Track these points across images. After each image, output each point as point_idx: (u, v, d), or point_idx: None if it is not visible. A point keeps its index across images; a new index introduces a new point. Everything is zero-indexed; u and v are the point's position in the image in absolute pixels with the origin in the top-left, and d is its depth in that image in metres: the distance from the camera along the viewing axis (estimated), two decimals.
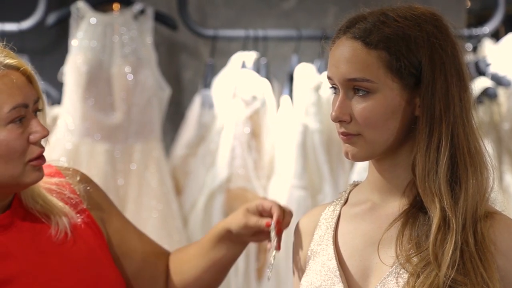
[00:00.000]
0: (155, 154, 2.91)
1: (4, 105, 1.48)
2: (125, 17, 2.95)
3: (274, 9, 3.21)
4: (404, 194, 1.36)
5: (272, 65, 3.09)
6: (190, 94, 3.12)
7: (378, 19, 1.34)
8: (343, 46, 1.34)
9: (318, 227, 1.44)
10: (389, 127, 1.34)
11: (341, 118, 1.34)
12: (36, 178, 1.52)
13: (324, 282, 1.37)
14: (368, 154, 1.35)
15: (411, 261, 1.30)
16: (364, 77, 1.32)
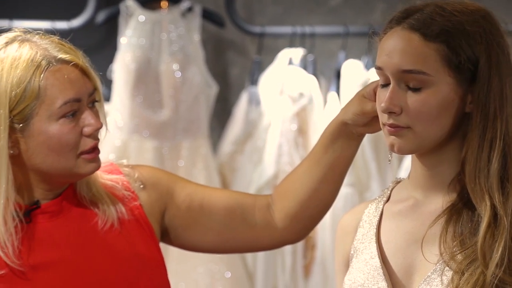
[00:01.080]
0: (203, 151, 2.92)
1: (56, 100, 1.49)
2: (173, 15, 2.97)
3: (321, 6, 3.21)
4: (448, 191, 1.35)
5: (319, 61, 3.08)
6: (237, 91, 3.13)
7: (436, 12, 1.32)
8: (398, 36, 1.32)
9: (361, 225, 1.43)
10: (440, 122, 1.32)
11: (392, 109, 1.32)
12: (90, 169, 1.53)
13: (367, 280, 1.37)
14: (415, 148, 1.34)
15: (456, 259, 1.29)
16: (421, 69, 1.31)
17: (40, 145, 1.49)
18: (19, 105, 1.47)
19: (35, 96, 1.47)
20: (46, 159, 1.49)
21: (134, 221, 1.60)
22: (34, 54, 1.49)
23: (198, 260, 2.80)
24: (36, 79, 1.47)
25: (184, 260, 2.81)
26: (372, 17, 3.19)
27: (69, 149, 1.50)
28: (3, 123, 1.46)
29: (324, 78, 3.08)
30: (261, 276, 2.87)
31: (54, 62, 1.51)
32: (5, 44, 1.51)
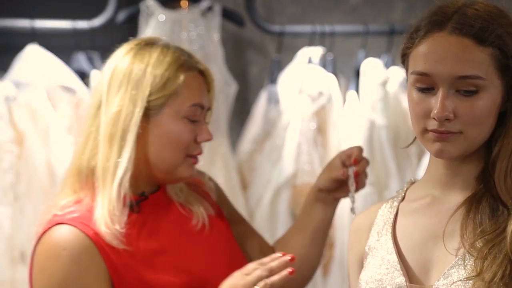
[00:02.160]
0: (222, 149, 2.93)
1: (187, 100, 1.67)
2: (193, 14, 2.99)
3: (341, 4, 3.21)
4: (468, 188, 1.36)
5: (338, 60, 3.08)
6: (256, 90, 3.14)
7: (476, 14, 1.32)
8: (447, 42, 1.32)
9: (375, 224, 1.44)
10: (488, 124, 1.34)
11: (448, 116, 1.32)
12: (189, 173, 1.71)
13: (385, 276, 1.37)
14: (463, 152, 1.34)
15: (476, 246, 1.30)
16: (477, 74, 1.31)
17: (159, 136, 1.64)
18: (157, 94, 1.65)
19: (172, 91, 1.65)
20: (159, 150, 1.65)
21: (216, 216, 1.77)
22: (178, 57, 1.70)
23: None
24: (178, 77, 1.66)
25: None
26: (392, 16, 3.18)
27: (181, 148, 1.66)
28: (140, 105, 1.63)
29: (343, 77, 3.08)
30: None
31: (194, 69, 1.71)
32: (150, 44, 1.73)
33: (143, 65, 1.66)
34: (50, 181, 2.85)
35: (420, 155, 2.95)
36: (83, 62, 3.03)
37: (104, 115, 1.65)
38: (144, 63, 1.66)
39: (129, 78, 1.65)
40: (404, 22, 3.13)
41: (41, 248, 1.60)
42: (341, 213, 2.90)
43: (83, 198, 1.64)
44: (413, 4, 3.18)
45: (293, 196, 2.92)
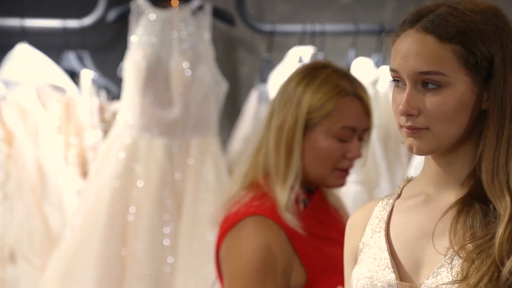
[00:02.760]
0: (212, 149, 2.93)
1: (338, 123, 1.89)
2: (184, 13, 2.98)
3: (331, 4, 3.21)
4: (461, 187, 1.36)
5: (329, 59, 3.08)
6: (247, 89, 3.13)
7: (448, 12, 1.33)
8: (412, 39, 1.33)
9: (371, 220, 1.44)
10: (458, 121, 1.33)
11: (410, 112, 1.33)
12: (338, 184, 1.94)
13: (375, 273, 1.37)
14: (433, 148, 1.34)
15: (466, 248, 1.30)
16: (438, 70, 1.31)
17: (311, 150, 1.89)
18: (313, 113, 1.89)
19: (327, 112, 1.89)
20: (311, 161, 1.89)
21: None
22: (338, 83, 1.91)
23: (207, 257, 2.81)
24: (333, 100, 1.89)
25: (193, 257, 2.82)
26: (383, 15, 3.18)
27: (329, 163, 1.89)
28: (300, 121, 1.89)
29: None
30: None
31: (350, 94, 1.91)
32: (320, 68, 1.93)
33: (306, 87, 1.90)
34: (39, 180, 2.85)
35: (410, 155, 2.95)
36: (73, 61, 3.03)
37: (272, 126, 1.92)
38: (308, 85, 1.90)
39: (293, 96, 1.90)
40: (394, 21, 3.11)
41: (238, 237, 1.85)
42: None
43: (262, 194, 1.88)
44: (404, 3, 3.18)
45: None
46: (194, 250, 2.83)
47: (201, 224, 2.85)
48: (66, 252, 2.81)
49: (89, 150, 2.95)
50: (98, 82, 3.03)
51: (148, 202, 2.84)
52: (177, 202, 2.88)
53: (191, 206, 2.87)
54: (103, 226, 2.81)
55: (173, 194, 2.87)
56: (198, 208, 2.87)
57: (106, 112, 3.01)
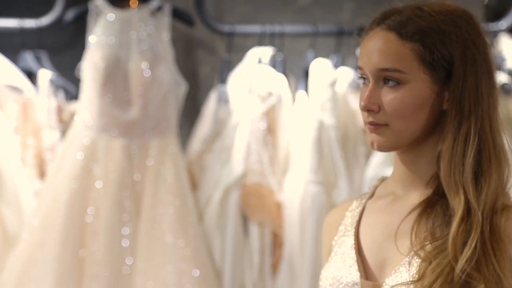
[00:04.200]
0: (171, 149, 2.92)
1: None
2: (143, 14, 2.97)
3: (290, 5, 3.22)
4: (426, 187, 1.37)
5: (288, 60, 3.09)
6: (206, 89, 3.13)
7: (413, 13, 1.36)
8: (377, 37, 1.36)
9: (344, 220, 1.46)
10: (417, 118, 1.35)
11: (370, 107, 1.36)
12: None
13: (340, 272, 1.39)
14: (393, 145, 1.37)
15: (425, 248, 1.32)
16: (397, 67, 1.34)
17: None
18: None
19: None
20: None
21: None
22: None
23: (167, 258, 2.81)
24: None
25: (152, 258, 2.82)
26: (341, 16, 3.21)
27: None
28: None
29: (293, 77, 3.09)
30: (229, 274, 2.88)
31: None
32: None
33: None
34: None
35: (368, 155, 2.98)
36: (30, 61, 2.99)
37: None
38: None
39: None
40: (352, 22, 3.16)
41: None
42: (291, 213, 2.92)
43: None
44: (362, 4, 3.21)
45: (243, 196, 2.93)
46: (154, 251, 2.82)
47: (160, 225, 2.84)
48: (23, 253, 2.78)
49: (46, 151, 2.93)
50: (56, 83, 3.00)
51: (106, 203, 2.83)
52: (136, 203, 2.87)
53: (150, 207, 2.86)
54: (61, 227, 2.79)
55: (132, 194, 2.86)
56: (157, 209, 2.86)
57: (64, 112, 2.99)
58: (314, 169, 2.90)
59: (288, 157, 2.98)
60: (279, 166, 2.97)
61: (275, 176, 2.95)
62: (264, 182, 2.92)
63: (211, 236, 2.90)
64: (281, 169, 2.97)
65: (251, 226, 2.91)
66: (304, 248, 2.88)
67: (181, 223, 2.84)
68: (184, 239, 2.82)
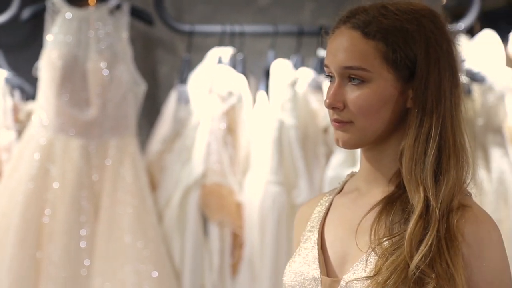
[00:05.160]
0: (130, 149, 2.90)
1: None
2: (101, 12, 2.94)
3: (250, 5, 3.21)
4: (389, 184, 1.38)
5: (248, 60, 3.09)
6: (166, 89, 3.11)
7: (378, 11, 1.37)
8: (342, 35, 1.37)
9: (313, 215, 1.47)
10: (381, 116, 1.36)
11: (335, 105, 1.37)
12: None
13: (302, 267, 1.40)
14: (358, 142, 1.38)
15: (382, 245, 1.32)
16: (360, 65, 1.35)
17: None
18: None
19: None
20: None
21: None
22: None
23: (125, 259, 2.78)
24: None
25: (111, 259, 2.79)
26: (301, 17, 3.21)
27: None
28: None
29: (253, 77, 3.09)
30: (189, 275, 2.86)
31: None
32: None
33: None
34: None
35: (328, 155, 2.98)
36: None
37: None
38: None
39: None
40: (313, 23, 3.17)
41: None
42: (251, 213, 2.91)
43: None
44: (322, 5, 3.22)
45: (203, 196, 2.91)
46: (112, 252, 2.79)
47: (119, 226, 2.81)
48: None
49: (2, 151, 2.88)
50: (12, 82, 2.95)
51: (64, 203, 2.79)
52: (94, 204, 2.84)
53: (108, 208, 2.83)
54: (17, 229, 2.75)
55: (90, 195, 2.83)
56: (116, 209, 2.83)
57: (20, 112, 2.94)
58: (274, 169, 2.89)
59: (248, 157, 2.97)
60: (239, 166, 2.96)
61: (235, 176, 2.94)
62: (224, 182, 2.90)
63: (171, 237, 2.88)
64: (241, 169, 2.96)
65: (211, 226, 2.90)
66: (264, 248, 2.87)
67: (140, 223, 2.81)
68: (143, 240, 2.79)
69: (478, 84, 3.06)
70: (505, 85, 3.10)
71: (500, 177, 2.95)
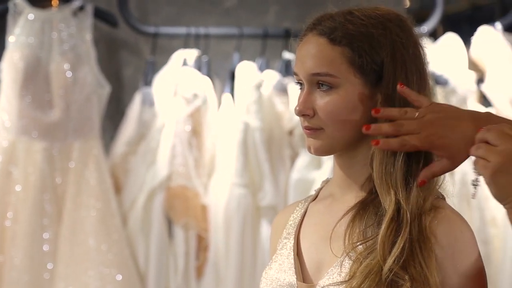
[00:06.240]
0: (94, 152, 2.87)
1: None
2: (64, 13, 2.91)
3: (215, 7, 3.21)
4: (361, 189, 1.39)
5: (213, 63, 3.08)
6: (131, 91, 3.09)
7: (344, 17, 1.37)
8: (309, 42, 1.38)
9: (289, 222, 1.47)
10: (351, 121, 1.36)
11: (304, 112, 1.37)
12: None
13: (279, 274, 1.40)
14: (329, 149, 1.38)
15: (356, 249, 1.33)
16: (328, 71, 1.35)
17: None
18: None
19: None
20: None
21: None
22: None
23: (89, 263, 2.75)
24: None
25: (74, 263, 2.76)
26: (266, 19, 3.21)
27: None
28: None
29: (218, 79, 3.08)
30: (153, 278, 2.84)
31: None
32: None
33: None
34: None
35: (293, 158, 2.99)
36: None
37: None
38: None
39: None
40: (277, 25, 3.17)
41: None
42: (216, 216, 2.90)
43: None
44: (287, 7, 3.22)
45: (167, 199, 2.90)
46: (75, 256, 2.76)
47: (82, 229, 2.79)
48: None
49: None
50: None
51: (26, 207, 2.76)
52: (58, 207, 2.81)
53: (72, 211, 2.80)
54: None
55: (53, 198, 2.80)
56: (79, 212, 2.80)
57: None
58: (239, 172, 2.89)
59: (213, 159, 2.97)
60: (204, 169, 2.95)
61: (200, 179, 2.93)
62: (189, 185, 2.89)
63: (135, 240, 2.86)
64: (206, 171, 2.95)
65: (176, 229, 2.89)
66: (229, 251, 2.87)
67: (104, 226, 2.79)
68: (107, 243, 2.77)
69: (441, 87, 3.09)
70: (468, 88, 3.13)
71: (462, 179, 2.98)
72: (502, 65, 3.14)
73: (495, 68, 3.14)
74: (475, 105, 3.18)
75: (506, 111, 3.10)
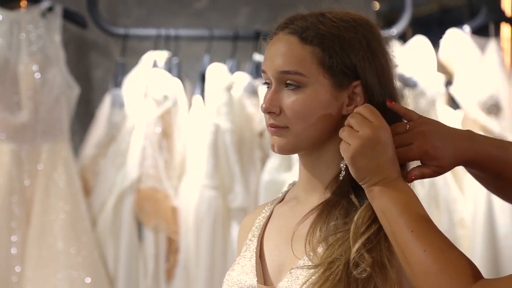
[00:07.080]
0: (63, 154, 2.85)
1: None
2: (33, 15, 2.89)
3: (186, 9, 3.20)
4: (325, 190, 1.39)
5: (184, 64, 3.08)
6: (100, 93, 3.07)
7: (316, 18, 1.38)
8: (279, 41, 1.38)
9: (255, 224, 1.47)
10: (317, 122, 1.36)
11: (271, 109, 1.37)
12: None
13: (240, 276, 1.41)
14: (293, 147, 1.38)
15: (317, 253, 1.33)
16: (297, 70, 1.36)
17: None
18: None
19: None
20: None
21: None
22: None
23: (57, 265, 2.73)
24: None
25: (42, 266, 2.74)
26: (237, 21, 3.21)
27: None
28: None
29: (188, 81, 3.08)
30: (123, 280, 2.83)
31: None
32: None
33: None
34: None
35: (264, 159, 2.99)
36: None
37: None
38: None
39: None
40: (248, 27, 3.17)
41: None
42: (186, 218, 2.90)
43: None
44: (257, 9, 3.23)
45: (137, 201, 2.89)
46: (44, 259, 2.74)
47: (51, 232, 2.77)
48: None
49: None
50: None
51: None
52: (26, 209, 2.78)
53: (40, 213, 2.78)
54: None
55: (21, 200, 2.78)
56: (48, 215, 2.78)
57: None
58: (209, 174, 2.88)
59: (183, 161, 2.96)
60: (175, 171, 2.94)
61: (171, 181, 2.92)
62: (159, 187, 2.88)
63: (105, 242, 2.85)
64: (176, 173, 2.94)
65: (146, 231, 2.88)
66: (199, 253, 2.86)
67: (73, 229, 2.77)
68: (76, 246, 2.75)
69: (410, 89, 3.12)
70: (437, 90, 3.16)
71: (431, 180, 3.01)
72: (470, 68, 3.18)
73: (463, 70, 3.18)
74: (444, 107, 3.21)
75: (473, 113, 3.13)
